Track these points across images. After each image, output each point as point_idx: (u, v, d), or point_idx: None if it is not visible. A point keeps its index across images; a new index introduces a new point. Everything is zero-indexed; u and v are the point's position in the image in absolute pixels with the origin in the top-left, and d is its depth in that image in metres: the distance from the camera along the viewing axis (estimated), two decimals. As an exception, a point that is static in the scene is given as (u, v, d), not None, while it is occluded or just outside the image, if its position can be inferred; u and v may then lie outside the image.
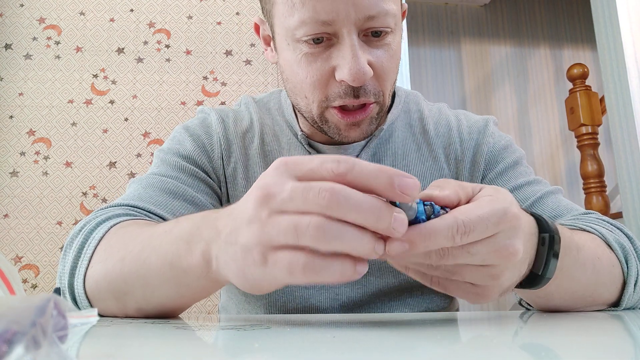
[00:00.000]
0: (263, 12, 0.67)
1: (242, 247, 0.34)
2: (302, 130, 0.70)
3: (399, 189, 0.31)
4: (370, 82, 0.59)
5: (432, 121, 0.72)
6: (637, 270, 0.53)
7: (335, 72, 0.57)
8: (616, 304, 0.54)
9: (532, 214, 0.43)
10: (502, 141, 0.72)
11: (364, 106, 0.60)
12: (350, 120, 0.60)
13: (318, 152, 0.69)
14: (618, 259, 0.52)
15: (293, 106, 0.71)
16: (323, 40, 0.56)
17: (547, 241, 0.41)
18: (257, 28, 0.71)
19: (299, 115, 0.71)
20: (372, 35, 0.57)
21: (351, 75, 0.55)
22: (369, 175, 0.31)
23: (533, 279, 0.42)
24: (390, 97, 0.64)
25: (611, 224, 0.58)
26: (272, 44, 0.67)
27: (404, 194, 0.31)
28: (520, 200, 0.66)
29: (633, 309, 0.54)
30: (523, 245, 0.37)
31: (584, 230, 0.55)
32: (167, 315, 0.48)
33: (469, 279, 0.37)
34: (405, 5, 0.69)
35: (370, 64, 0.57)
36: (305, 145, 0.68)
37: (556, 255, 0.42)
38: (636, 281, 0.53)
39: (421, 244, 0.33)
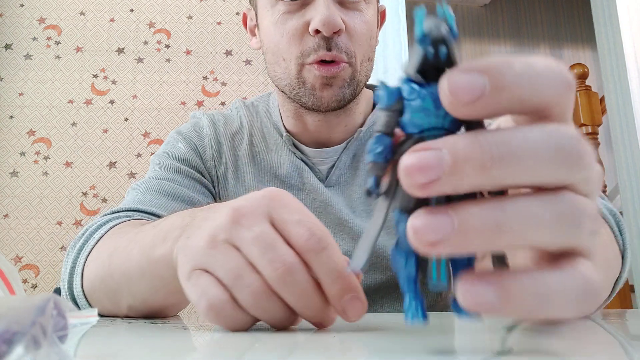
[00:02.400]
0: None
1: (185, 250, 0.34)
2: (286, 130, 0.72)
3: (343, 306, 0.30)
4: (343, 39, 0.62)
5: None
6: (628, 239, 0.49)
7: (309, 25, 0.61)
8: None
9: None
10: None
11: (337, 64, 0.63)
12: (325, 72, 0.62)
13: (301, 152, 0.70)
14: (612, 231, 0.48)
15: (279, 107, 0.74)
16: None
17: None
18: (244, 19, 0.76)
19: (283, 113, 0.73)
20: None
21: (322, 22, 0.59)
22: (330, 271, 0.30)
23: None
24: (364, 74, 0.66)
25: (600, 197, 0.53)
26: (256, 30, 0.72)
27: (345, 314, 0.30)
28: None
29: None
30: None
31: None
32: (159, 315, 0.48)
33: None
34: (384, 6, 0.74)
35: (342, 22, 0.61)
36: (289, 146, 0.70)
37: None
38: (629, 252, 0.49)
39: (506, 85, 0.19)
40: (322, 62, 0.62)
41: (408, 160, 0.17)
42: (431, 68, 0.19)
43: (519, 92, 0.18)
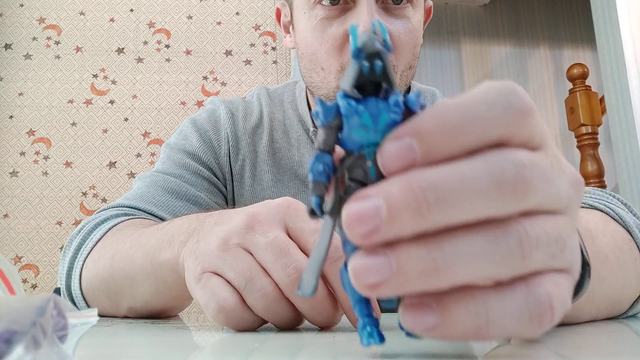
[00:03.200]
0: None
1: (195, 253, 0.33)
2: (314, 126, 0.69)
3: (353, 319, 0.31)
4: None
5: None
6: None
7: None
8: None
9: None
10: None
11: None
12: None
13: None
14: (638, 247, 0.41)
15: (307, 99, 0.71)
16: (340, 3, 0.57)
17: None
18: (278, 14, 0.71)
19: (312, 104, 0.70)
20: (391, 2, 0.57)
21: None
22: (340, 288, 0.30)
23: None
24: (404, 83, 0.62)
25: (619, 200, 0.48)
26: (290, 28, 0.67)
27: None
28: None
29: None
30: None
31: (596, 208, 0.43)
32: (159, 316, 0.48)
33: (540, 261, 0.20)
34: (430, 2, 0.69)
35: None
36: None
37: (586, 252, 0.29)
38: None
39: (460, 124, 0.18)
40: None
41: (347, 211, 0.17)
42: (368, 82, 0.19)
43: (456, 145, 0.17)
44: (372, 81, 0.18)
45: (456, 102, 0.18)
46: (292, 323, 0.32)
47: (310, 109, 0.70)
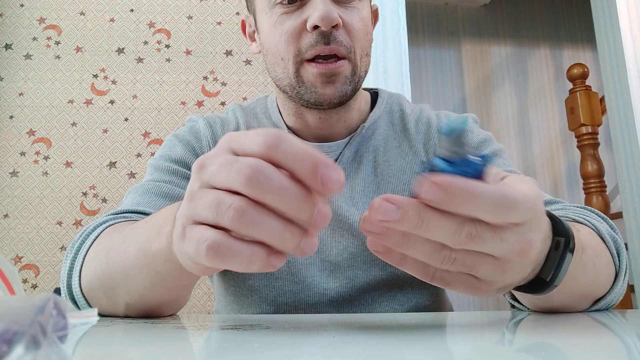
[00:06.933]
0: (247, 6, 0.74)
1: (177, 220, 0.33)
2: (288, 128, 0.73)
3: (320, 179, 0.28)
4: (341, 33, 0.63)
5: (413, 119, 0.75)
6: (626, 264, 0.52)
7: (307, 23, 0.62)
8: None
9: (550, 215, 0.39)
10: (481, 136, 0.74)
11: (336, 61, 0.64)
12: (322, 69, 0.63)
13: None
14: (611, 254, 0.51)
15: (278, 108, 0.75)
16: (296, 1, 0.63)
17: (562, 246, 0.37)
18: (243, 26, 0.77)
19: (283, 112, 0.74)
20: None
21: (320, 17, 0.60)
22: (295, 156, 0.28)
23: (538, 284, 0.38)
24: (364, 69, 0.67)
25: (595, 213, 0.57)
26: (255, 35, 0.73)
27: (324, 186, 0.28)
28: None
29: (606, 308, 0.53)
30: (540, 245, 0.33)
31: (580, 223, 0.53)
32: (156, 313, 0.48)
33: (482, 273, 0.32)
34: (376, 5, 0.76)
35: (339, 17, 0.62)
36: None
37: (568, 262, 0.37)
38: (624, 276, 0.52)
39: (461, 197, 0.28)
40: (320, 61, 0.63)
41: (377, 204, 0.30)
42: (458, 150, 0.30)
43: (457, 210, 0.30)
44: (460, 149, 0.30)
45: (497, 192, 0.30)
46: (282, 233, 0.29)
47: (282, 115, 0.75)
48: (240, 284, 0.69)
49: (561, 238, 0.38)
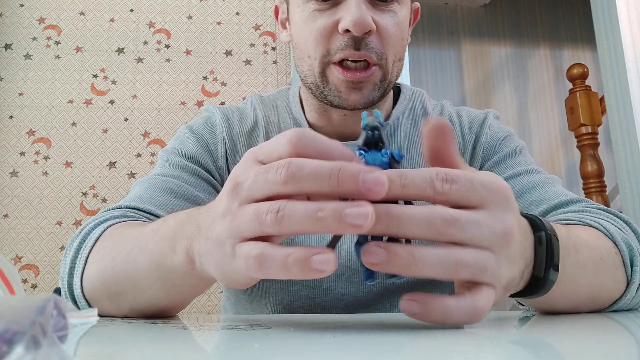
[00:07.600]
0: None
1: (216, 240, 0.33)
2: (309, 124, 0.71)
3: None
4: (373, 39, 0.61)
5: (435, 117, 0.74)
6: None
7: (339, 24, 0.60)
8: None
9: (524, 215, 0.39)
10: (501, 132, 0.73)
11: (366, 68, 0.61)
12: (349, 77, 0.61)
13: None
14: (623, 260, 0.49)
15: (301, 102, 0.73)
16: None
17: (545, 239, 0.37)
18: (276, 11, 0.74)
19: (306, 107, 0.72)
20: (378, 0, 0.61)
21: (352, 22, 0.58)
22: (319, 149, 0.30)
23: (535, 284, 0.38)
24: (395, 74, 0.65)
25: (618, 217, 0.55)
26: (287, 23, 0.71)
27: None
28: (515, 188, 0.64)
29: (629, 310, 0.52)
30: (519, 229, 0.33)
31: (590, 226, 0.51)
32: (161, 315, 0.48)
33: (482, 273, 0.31)
34: (417, 4, 0.72)
35: (374, 21, 0.59)
36: None
37: (557, 253, 0.38)
38: (638, 285, 0.50)
39: (397, 181, 0.29)
40: (348, 66, 0.60)
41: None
42: (371, 142, 0.33)
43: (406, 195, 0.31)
44: (374, 141, 0.33)
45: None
46: (313, 212, 0.28)
47: (304, 111, 0.72)
48: (257, 284, 0.68)
49: (541, 232, 0.38)
